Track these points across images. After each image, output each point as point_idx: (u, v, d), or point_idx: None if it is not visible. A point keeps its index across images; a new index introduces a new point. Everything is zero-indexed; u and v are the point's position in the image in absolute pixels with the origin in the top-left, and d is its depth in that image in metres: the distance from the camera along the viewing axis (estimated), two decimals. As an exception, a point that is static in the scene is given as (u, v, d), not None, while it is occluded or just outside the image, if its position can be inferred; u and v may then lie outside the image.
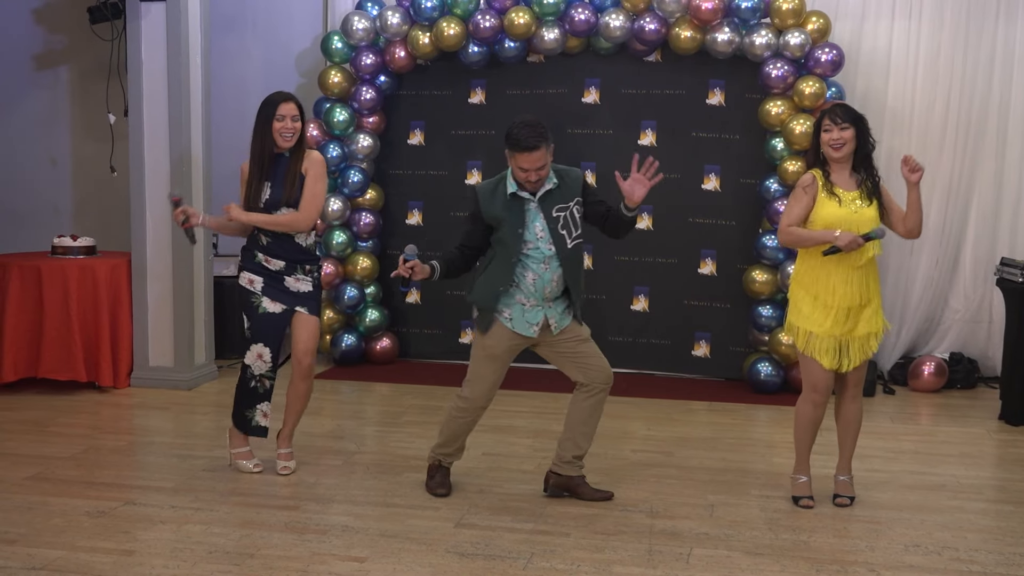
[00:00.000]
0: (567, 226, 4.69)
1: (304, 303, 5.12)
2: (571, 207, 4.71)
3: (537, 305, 4.74)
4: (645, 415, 6.59)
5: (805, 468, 4.95)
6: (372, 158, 7.88)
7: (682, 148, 7.50)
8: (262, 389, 5.21)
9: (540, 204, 4.67)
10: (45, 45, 8.23)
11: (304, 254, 5.11)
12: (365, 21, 7.65)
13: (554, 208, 4.68)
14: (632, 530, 4.54)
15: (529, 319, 4.75)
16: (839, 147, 4.64)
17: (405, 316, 8.10)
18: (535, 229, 4.67)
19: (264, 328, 5.10)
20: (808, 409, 4.84)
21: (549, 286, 4.69)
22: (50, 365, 6.81)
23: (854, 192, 4.67)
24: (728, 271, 7.46)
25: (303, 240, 5.09)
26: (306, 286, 5.13)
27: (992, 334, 7.54)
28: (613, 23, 7.24)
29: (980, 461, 5.77)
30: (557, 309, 4.77)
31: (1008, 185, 7.53)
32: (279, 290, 5.08)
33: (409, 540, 4.39)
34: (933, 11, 7.43)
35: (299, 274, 5.10)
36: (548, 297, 4.72)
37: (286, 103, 4.97)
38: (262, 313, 5.08)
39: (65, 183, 8.44)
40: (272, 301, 5.08)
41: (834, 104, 4.79)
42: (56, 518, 4.59)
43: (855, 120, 4.66)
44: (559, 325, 4.77)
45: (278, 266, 5.06)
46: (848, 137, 4.63)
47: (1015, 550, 4.38)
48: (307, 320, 5.13)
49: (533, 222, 4.68)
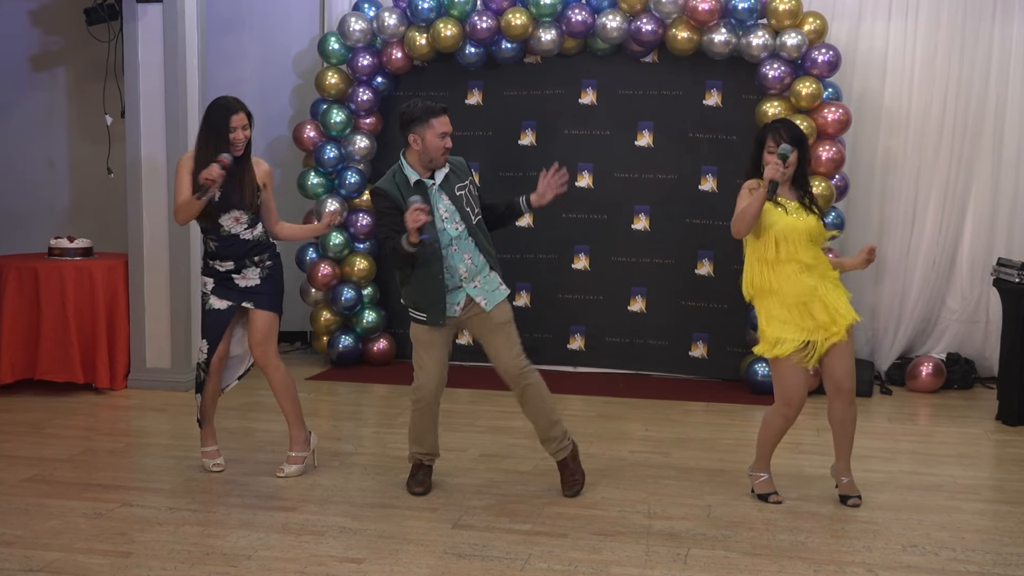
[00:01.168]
0: (470, 203, 4.82)
1: (250, 298, 5.19)
2: (468, 185, 4.85)
3: (457, 287, 4.80)
4: (642, 416, 6.59)
5: (765, 466, 4.99)
6: (369, 159, 7.87)
7: (679, 149, 7.51)
8: (198, 379, 5.31)
9: (441, 187, 4.77)
10: (42, 46, 8.22)
11: (255, 248, 5.18)
12: (362, 22, 7.64)
13: (455, 187, 4.79)
14: (630, 531, 4.54)
15: (452, 300, 4.82)
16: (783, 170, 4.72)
17: (402, 317, 8.04)
18: (439, 212, 4.75)
19: (208, 324, 5.26)
20: (778, 422, 4.89)
21: (464, 266, 4.77)
22: (47, 367, 6.81)
23: (794, 203, 4.80)
24: (725, 272, 7.45)
25: (250, 235, 5.16)
26: (254, 280, 5.19)
27: (989, 334, 7.55)
28: (610, 24, 7.24)
29: (977, 461, 5.77)
30: (484, 287, 4.83)
31: (1005, 185, 7.54)
32: (227, 288, 5.20)
33: (407, 541, 4.38)
34: (930, 12, 7.44)
35: (248, 268, 5.17)
36: (467, 277, 4.78)
37: (237, 115, 5.03)
38: (208, 310, 5.24)
39: (62, 184, 8.43)
40: (219, 299, 5.20)
41: (776, 122, 4.88)
42: (53, 520, 4.58)
43: (798, 141, 4.75)
44: (491, 301, 4.84)
45: (227, 267, 5.17)
46: (791, 161, 4.73)
47: (1012, 550, 4.39)
48: (254, 315, 5.20)
49: (436, 205, 4.75)
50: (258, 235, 5.19)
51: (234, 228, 5.10)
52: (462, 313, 4.85)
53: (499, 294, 4.88)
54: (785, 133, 4.74)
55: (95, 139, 8.03)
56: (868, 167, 7.58)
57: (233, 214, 5.08)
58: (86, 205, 8.36)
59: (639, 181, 7.59)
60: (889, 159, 7.60)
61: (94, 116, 7.93)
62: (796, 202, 4.81)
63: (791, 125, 4.82)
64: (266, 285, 5.22)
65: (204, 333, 5.26)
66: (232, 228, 5.10)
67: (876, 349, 7.70)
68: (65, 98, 8.34)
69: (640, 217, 7.60)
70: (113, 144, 7.70)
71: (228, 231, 5.10)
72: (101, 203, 8.15)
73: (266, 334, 5.22)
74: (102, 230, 7.90)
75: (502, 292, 4.89)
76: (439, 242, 4.72)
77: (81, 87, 8.20)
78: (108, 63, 7.56)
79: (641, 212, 7.60)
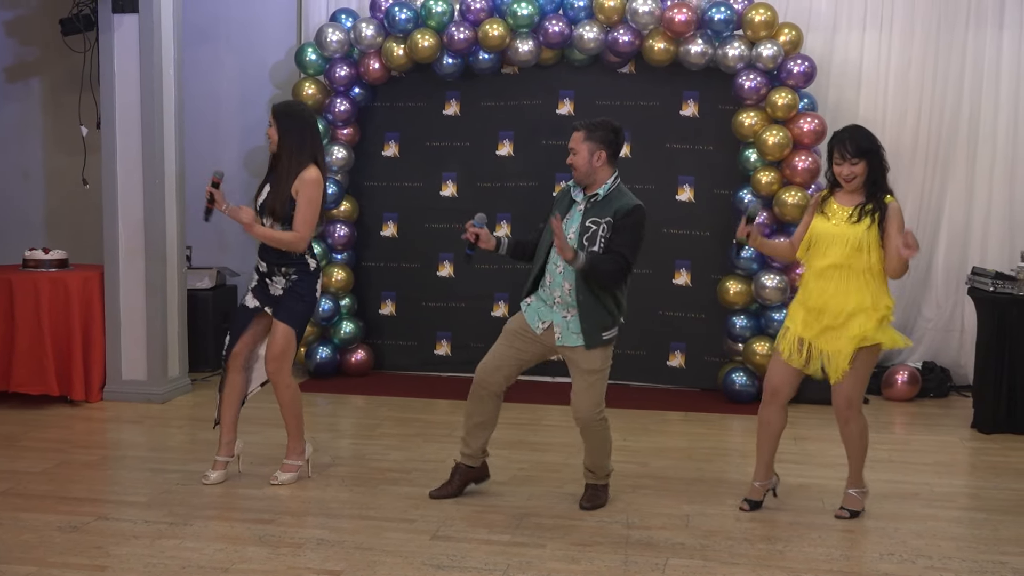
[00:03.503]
0: (592, 239, 4.72)
1: (272, 305, 5.19)
2: (602, 223, 4.74)
3: (551, 307, 4.78)
4: (620, 425, 6.58)
5: (760, 473, 5.00)
6: (347, 170, 7.86)
7: (656, 159, 7.53)
8: (221, 377, 5.32)
9: (585, 211, 4.75)
10: (16, 57, 8.17)
11: (281, 257, 5.14)
12: (339, 33, 7.64)
13: (591, 217, 4.74)
14: (608, 541, 4.54)
15: (541, 315, 4.83)
16: (850, 180, 4.69)
17: (380, 328, 8.08)
18: (570, 230, 4.75)
19: (235, 317, 5.34)
20: (762, 414, 4.95)
21: (559, 290, 4.74)
22: (21, 379, 6.75)
23: (849, 209, 4.71)
24: (703, 281, 7.48)
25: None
26: (278, 288, 5.18)
27: (964, 343, 7.60)
28: (587, 35, 7.26)
29: (953, 469, 5.81)
30: (567, 321, 4.77)
31: (979, 195, 7.59)
32: (260, 289, 5.23)
33: (385, 553, 4.37)
34: (904, 23, 7.50)
35: (276, 276, 5.17)
36: (559, 303, 4.75)
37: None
38: (240, 305, 5.33)
39: (37, 196, 8.37)
40: (252, 297, 5.24)
41: (846, 130, 4.78)
42: (27, 534, 4.54)
43: (865, 152, 4.67)
44: (563, 339, 4.79)
45: (264, 268, 5.20)
46: (859, 172, 4.66)
47: (988, 557, 4.41)
48: (274, 326, 5.18)
49: (572, 222, 4.76)
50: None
51: None
52: (543, 335, 4.82)
53: (574, 338, 4.77)
54: (851, 147, 4.66)
55: (70, 150, 7.98)
56: (844, 177, 7.63)
57: (265, 219, 5.11)
58: (61, 216, 8.30)
59: (617, 191, 7.60)
60: (864, 169, 7.64)
61: (69, 127, 7.88)
62: (851, 207, 4.70)
63: (858, 136, 4.71)
64: (288, 298, 5.16)
65: (230, 326, 5.32)
66: None
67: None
68: (40, 109, 8.29)
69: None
70: (89, 155, 7.66)
71: None
72: (76, 214, 8.10)
73: (283, 348, 5.15)
74: (77, 241, 7.84)
75: (577, 340, 4.76)
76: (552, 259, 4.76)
77: (56, 98, 8.15)
78: (84, 74, 7.52)
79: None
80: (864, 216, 4.66)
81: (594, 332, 4.73)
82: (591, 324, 4.73)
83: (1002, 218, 7.55)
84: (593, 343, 4.75)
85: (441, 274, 7.92)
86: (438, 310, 7.92)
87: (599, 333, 4.74)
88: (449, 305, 7.81)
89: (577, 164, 4.77)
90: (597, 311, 4.73)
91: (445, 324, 7.90)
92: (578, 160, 4.76)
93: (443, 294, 7.87)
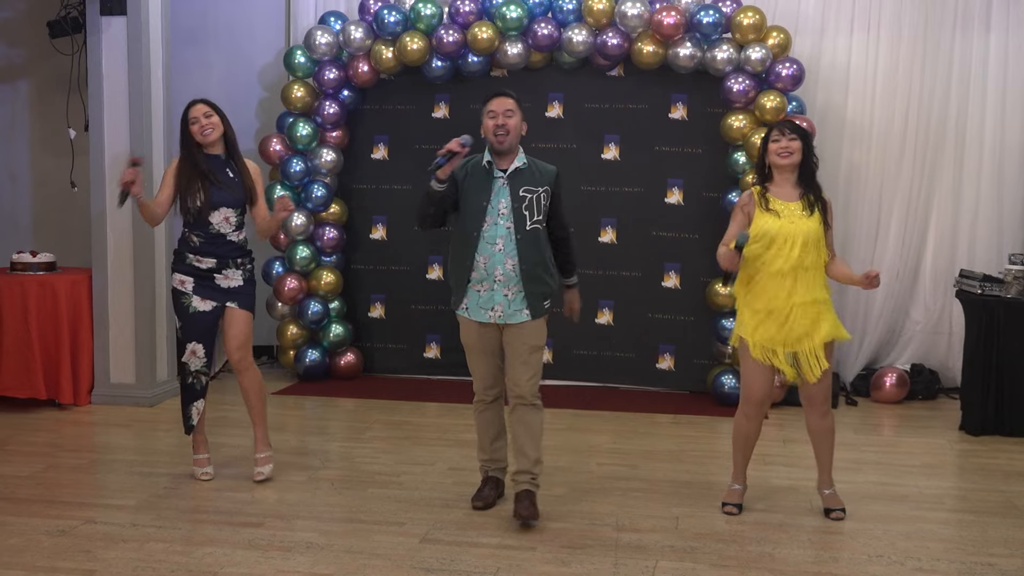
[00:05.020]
0: (531, 207, 4.73)
1: (234, 298, 5.21)
2: (539, 192, 4.76)
3: (490, 288, 4.74)
4: (610, 428, 6.60)
5: (740, 478, 5.02)
6: (336, 172, 7.85)
7: (645, 162, 7.54)
8: (199, 386, 5.30)
9: (509, 181, 4.73)
10: (4, 59, 8.14)
11: (236, 249, 5.21)
12: (328, 35, 7.63)
13: (522, 187, 4.73)
14: (598, 544, 4.54)
15: (483, 304, 4.78)
16: (787, 155, 4.72)
17: (370, 331, 8.07)
18: (498, 205, 4.72)
19: (196, 327, 5.23)
20: (741, 422, 4.91)
21: (500, 268, 4.71)
22: (9, 382, 6.73)
23: (795, 203, 4.74)
24: (692, 284, 7.49)
25: (236, 237, 5.20)
26: (237, 281, 5.21)
27: (952, 345, 7.62)
28: (576, 38, 7.27)
29: (941, 471, 5.82)
30: (508, 300, 4.74)
31: (966, 197, 7.62)
32: (210, 288, 5.19)
33: (375, 556, 4.36)
34: (891, 26, 7.53)
35: (230, 269, 5.19)
36: (500, 281, 4.72)
37: (194, 106, 5.16)
38: (192, 312, 5.20)
39: (25, 198, 8.34)
40: (202, 300, 5.18)
41: (782, 119, 4.87)
42: (14, 538, 4.52)
43: (802, 135, 4.77)
44: (505, 318, 4.75)
45: (209, 264, 5.16)
46: (796, 147, 4.73)
47: (976, 559, 4.43)
48: (238, 315, 5.21)
49: (498, 198, 4.73)
50: (242, 240, 5.24)
51: (223, 228, 5.13)
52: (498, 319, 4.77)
53: (518, 315, 4.74)
54: (790, 126, 4.75)
55: (58, 152, 7.96)
56: (831, 180, 7.62)
57: (224, 212, 5.11)
58: (49, 219, 8.27)
59: (605, 194, 7.62)
60: (852, 172, 7.67)
61: (57, 129, 7.86)
62: (798, 201, 4.73)
63: (795, 123, 4.80)
64: (248, 287, 5.26)
65: (192, 336, 5.22)
66: (221, 228, 5.13)
67: (841, 360, 7.74)
68: (28, 111, 8.25)
69: (607, 230, 7.63)
70: (76, 157, 7.64)
71: (217, 230, 5.13)
72: (64, 217, 8.07)
73: (248, 335, 5.24)
74: (65, 244, 7.82)
75: (522, 315, 4.74)
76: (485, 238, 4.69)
77: (44, 100, 8.12)
78: (71, 76, 7.50)
79: (608, 225, 7.62)
80: (815, 210, 4.72)
81: (537, 303, 4.77)
82: (534, 295, 4.76)
83: (989, 220, 7.58)
84: (537, 313, 4.78)
85: (431, 277, 7.91)
86: (428, 313, 7.91)
87: (541, 303, 4.79)
88: (439, 308, 7.80)
89: (511, 128, 4.74)
90: (539, 281, 4.77)
91: (435, 327, 7.89)
92: (512, 123, 4.75)
93: (432, 297, 7.86)
